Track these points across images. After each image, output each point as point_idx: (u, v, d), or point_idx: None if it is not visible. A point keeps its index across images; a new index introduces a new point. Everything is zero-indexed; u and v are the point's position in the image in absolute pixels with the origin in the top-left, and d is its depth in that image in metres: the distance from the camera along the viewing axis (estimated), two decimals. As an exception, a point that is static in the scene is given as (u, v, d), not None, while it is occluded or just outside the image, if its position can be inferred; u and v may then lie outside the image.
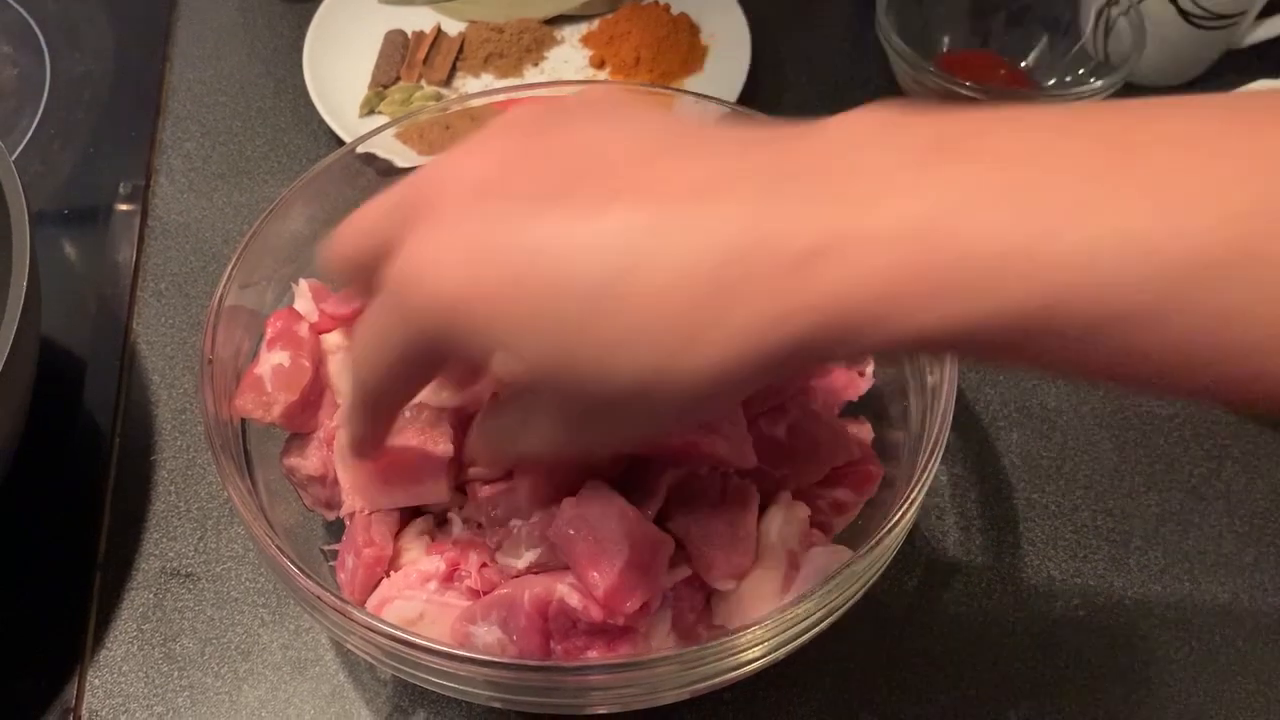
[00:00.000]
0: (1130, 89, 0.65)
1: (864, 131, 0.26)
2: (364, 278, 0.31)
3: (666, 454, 0.38)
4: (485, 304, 0.26)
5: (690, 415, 0.30)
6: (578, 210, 0.26)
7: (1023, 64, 0.69)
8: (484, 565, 0.39)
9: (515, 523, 0.39)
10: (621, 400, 0.27)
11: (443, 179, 0.29)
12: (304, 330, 0.44)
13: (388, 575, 0.41)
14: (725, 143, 0.27)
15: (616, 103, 0.30)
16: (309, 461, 0.43)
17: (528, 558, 0.38)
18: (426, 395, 0.39)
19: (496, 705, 0.45)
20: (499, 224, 0.27)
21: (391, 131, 0.50)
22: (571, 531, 0.36)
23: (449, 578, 0.40)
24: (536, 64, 0.71)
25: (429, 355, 0.30)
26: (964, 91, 0.61)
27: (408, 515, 0.42)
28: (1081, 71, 0.66)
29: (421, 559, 0.40)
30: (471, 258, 0.27)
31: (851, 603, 0.38)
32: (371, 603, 0.40)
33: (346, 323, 0.45)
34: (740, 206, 0.25)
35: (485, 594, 0.39)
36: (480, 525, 0.40)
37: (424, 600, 0.39)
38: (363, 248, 0.31)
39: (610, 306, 0.25)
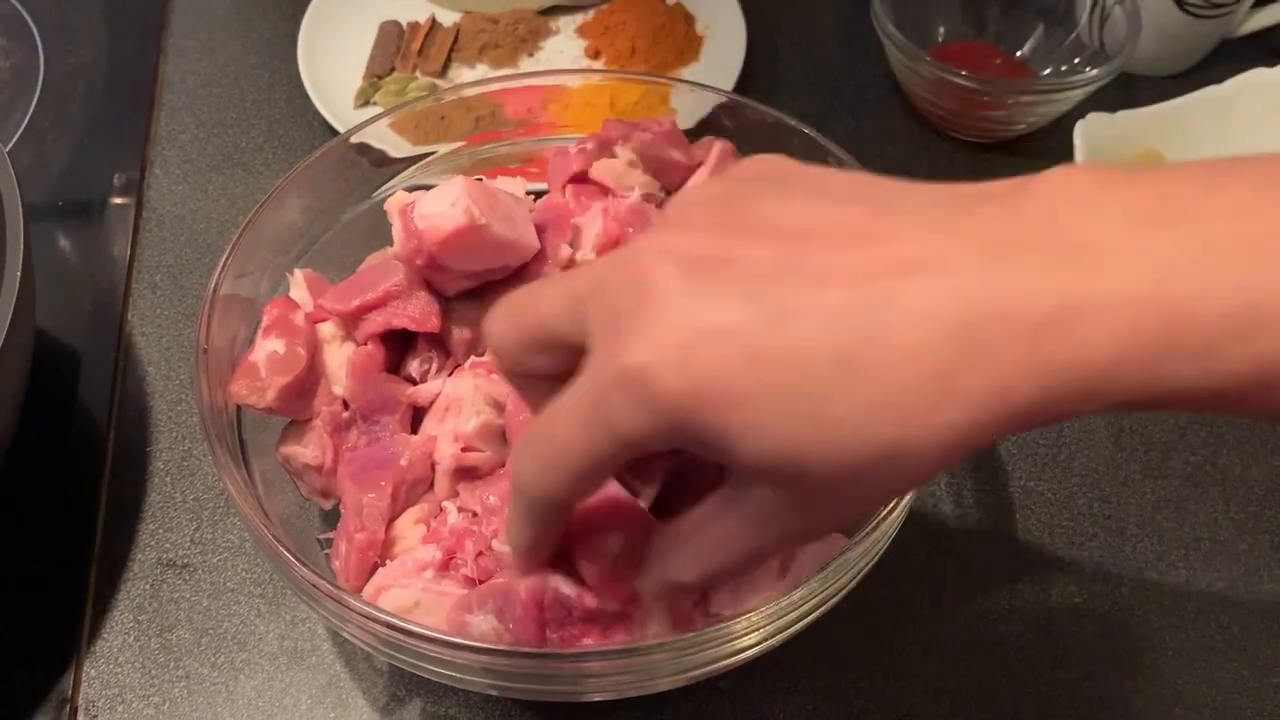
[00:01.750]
0: (1126, 78, 0.65)
1: (1080, 193, 0.26)
2: (536, 362, 0.31)
3: None
4: (724, 388, 0.26)
5: (916, 484, 0.29)
6: (807, 285, 0.26)
7: (1018, 54, 0.69)
8: (480, 554, 0.39)
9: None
10: (854, 477, 0.26)
11: (646, 263, 0.27)
12: (299, 319, 0.44)
13: (383, 564, 0.41)
14: (934, 207, 0.27)
15: (792, 170, 0.30)
16: (306, 449, 0.43)
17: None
18: None
19: (493, 693, 0.45)
20: (726, 304, 0.26)
21: (386, 122, 0.50)
22: None
23: (445, 566, 0.39)
24: (531, 54, 0.71)
25: (643, 450, 0.28)
26: (959, 81, 0.61)
27: (403, 503, 0.42)
28: (1077, 61, 0.66)
29: (418, 547, 0.40)
30: (706, 343, 0.26)
31: (847, 590, 0.39)
32: (367, 591, 0.40)
33: (342, 315, 0.44)
34: (971, 273, 0.25)
35: (481, 582, 0.39)
36: (476, 514, 0.40)
37: (420, 589, 0.39)
38: (543, 336, 0.30)
39: (850, 379, 0.25)
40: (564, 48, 0.71)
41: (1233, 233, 0.24)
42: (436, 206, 0.40)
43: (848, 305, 0.25)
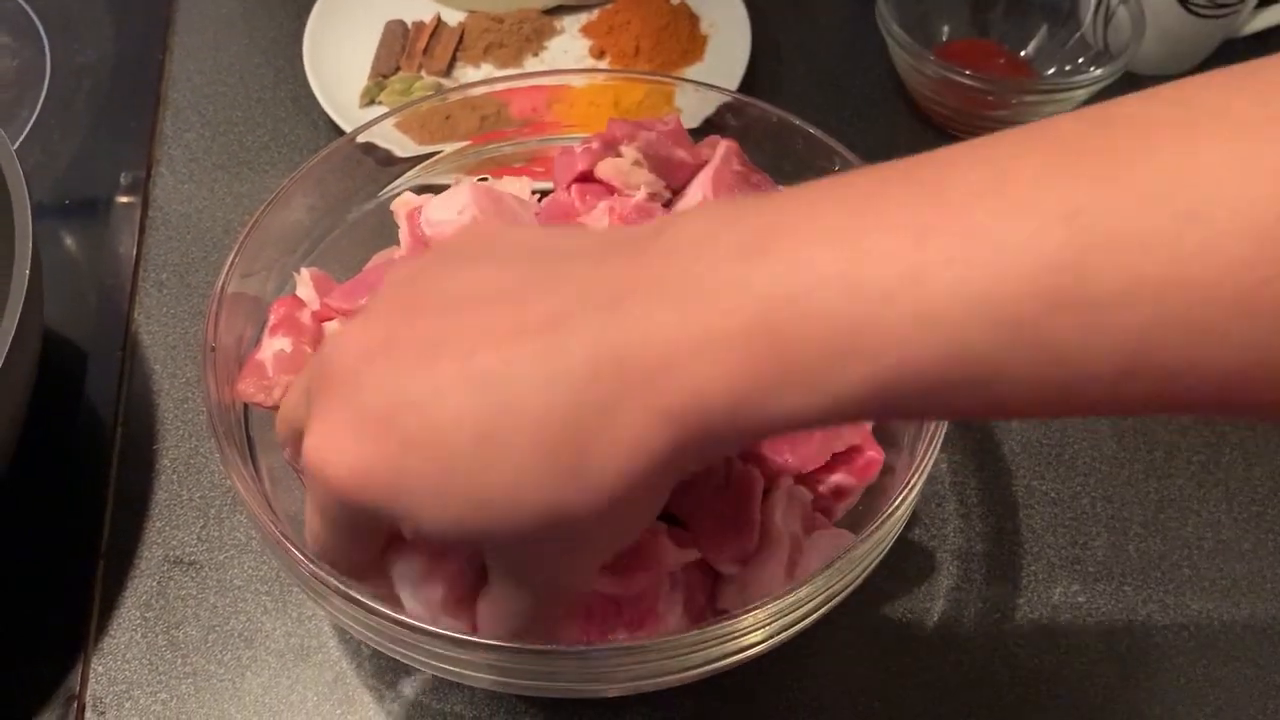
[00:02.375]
0: (1130, 78, 0.65)
1: (699, 231, 0.26)
2: None
3: None
4: (382, 476, 0.27)
5: (609, 534, 0.29)
6: (457, 358, 0.26)
7: (1022, 53, 0.69)
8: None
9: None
10: (536, 538, 0.27)
11: (332, 356, 0.29)
12: (306, 317, 0.44)
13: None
14: (583, 257, 0.28)
15: (481, 237, 0.31)
16: (312, 448, 0.43)
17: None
18: None
19: (500, 689, 0.45)
20: (377, 394, 0.27)
21: (391, 121, 0.50)
22: None
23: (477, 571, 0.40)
24: (536, 54, 0.71)
25: (359, 530, 0.31)
26: (963, 80, 0.61)
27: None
28: (1081, 60, 0.66)
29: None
30: (358, 434, 0.27)
31: (853, 587, 0.39)
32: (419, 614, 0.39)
33: (348, 315, 0.45)
34: (590, 330, 0.26)
35: None
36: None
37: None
38: (292, 436, 0.33)
39: (492, 450, 0.26)
40: (568, 47, 0.71)
41: (826, 259, 0.24)
42: (443, 213, 0.40)
43: (484, 375, 0.26)
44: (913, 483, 0.38)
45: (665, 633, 0.37)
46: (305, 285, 0.46)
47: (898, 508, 0.37)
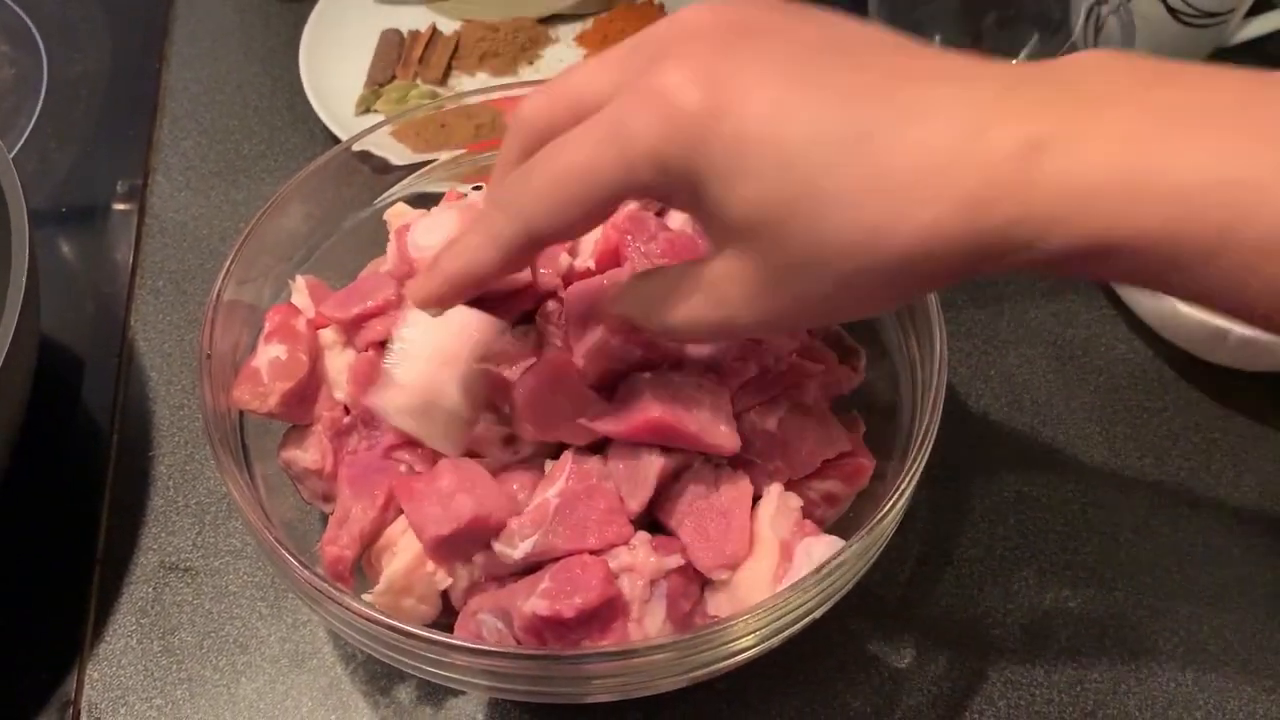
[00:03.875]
0: (1120, 86, 0.65)
1: (1094, 62, 0.28)
2: (542, 138, 0.31)
3: (644, 432, 0.38)
4: (744, 124, 0.27)
5: (881, 291, 0.29)
6: (846, 65, 0.27)
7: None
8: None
9: (513, 521, 0.39)
10: (824, 258, 0.28)
11: (690, 23, 0.29)
12: (301, 325, 0.44)
13: (371, 574, 0.41)
14: (951, 55, 0.29)
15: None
16: (307, 454, 0.43)
17: (523, 549, 0.38)
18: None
19: (493, 695, 0.45)
20: (762, 56, 0.27)
21: (387, 129, 0.51)
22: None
23: None
24: (531, 62, 0.71)
25: (643, 183, 0.29)
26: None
27: (396, 510, 0.42)
28: (1072, 69, 0.66)
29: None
30: (739, 78, 0.27)
31: (843, 592, 0.39)
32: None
33: (341, 324, 0.45)
34: (987, 93, 0.27)
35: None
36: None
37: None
38: (577, 98, 0.31)
39: (853, 158, 0.26)
40: (563, 56, 0.72)
41: (1213, 107, 0.26)
42: (429, 237, 0.40)
43: (879, 90, 0.27)
44: (903, 489, 0.38)
45: (652, 638, 0.38)
46: (300, 293, 0.46)
47: (887, 513, 0.38)
